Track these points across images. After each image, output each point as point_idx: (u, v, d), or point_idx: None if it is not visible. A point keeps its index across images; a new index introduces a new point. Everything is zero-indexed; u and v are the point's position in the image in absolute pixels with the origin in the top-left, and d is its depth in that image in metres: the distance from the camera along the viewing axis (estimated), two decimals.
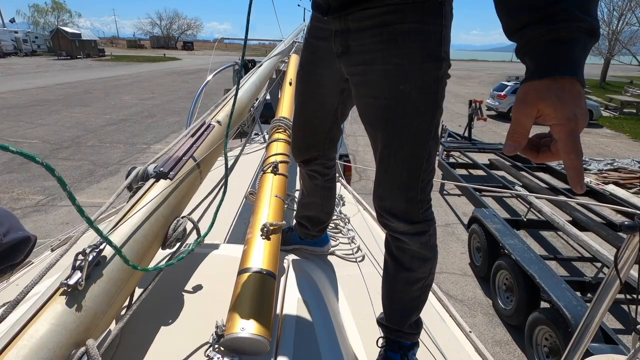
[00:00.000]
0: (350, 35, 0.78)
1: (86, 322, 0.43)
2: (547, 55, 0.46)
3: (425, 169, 0.78)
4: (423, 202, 0.81)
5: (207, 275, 0.80)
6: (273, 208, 0.92)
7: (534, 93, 0.46)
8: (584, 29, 0.45)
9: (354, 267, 1.23)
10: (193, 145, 0.79)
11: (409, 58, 0.72)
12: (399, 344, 0.86)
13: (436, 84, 0.74)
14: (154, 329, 0.62)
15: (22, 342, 0.37)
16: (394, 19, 0.71)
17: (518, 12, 0.49)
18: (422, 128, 0.75)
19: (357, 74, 0.80)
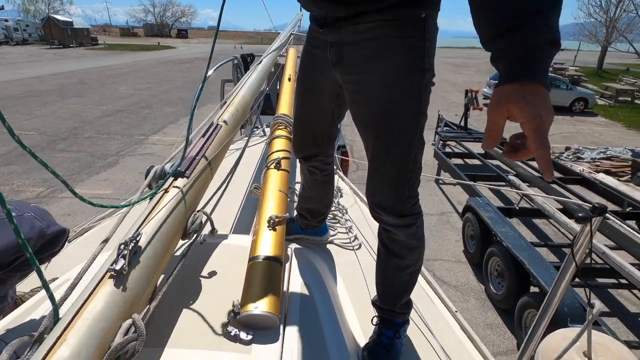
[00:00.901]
0: (344, 47, 0.85)
1: (130, 300, 0.51)
2: (516, 64, 0.54)
3: (412, 168, 0.87)
4: (411, 197, 0.91)
5: (219, 262, 0.89)
6: (277, 202, 1.01)
7: (505, 96, 0.54)
8: (547, 40, 0.53)
9: (351, 255, 1.33)
10: (204, 145, 0.86)
11: (396, 69, 0.80)
12: (391, 322, 0.96)
13: (420, 92, 0.82)
14: (179, 308, 0.71)
15: (84, 315, 0.45)
16: (383, 34, 0.79)
17: (492, 26, 0.57)
18: (408, 132, 0.84)
19: (351, 82, 0.88)
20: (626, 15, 20.12)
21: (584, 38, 24.87)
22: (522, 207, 4.38)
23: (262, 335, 0.68)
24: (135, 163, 6.82)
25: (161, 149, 7.63)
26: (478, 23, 0.60)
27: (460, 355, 0.97)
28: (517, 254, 3.12)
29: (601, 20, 22.20)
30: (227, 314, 0.71)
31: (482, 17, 0.59)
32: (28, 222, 0.63)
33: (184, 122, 9.72)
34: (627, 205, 4.29)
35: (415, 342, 1.00)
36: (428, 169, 7.16)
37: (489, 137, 0.58)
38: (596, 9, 22.13)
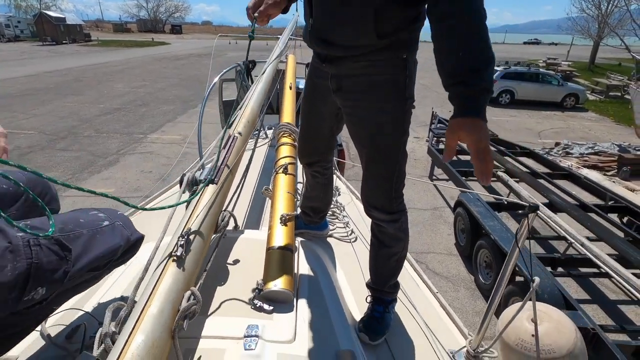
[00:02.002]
0: (342, 79, 1.05)
1: (187, 277, 0.69)
2: (463, 105, 0.78)
3: (397, 175, 1.08)
4: (397, 198, 1.11)
5: (241, 251, 1.08)
6: (287, 202, 1.20)
7: (457, 126, 0.78)
8: (483, 89, 0.76)
9: (349, 246, 1.53)
10: (226, 155, 1.04)
11: (384, 99, 1.00)
12: (382, 300, 1.16)
13: (404, 116, 1.03)
14: (215, 286, 0.90)
15: (160, 287, 0.62)
16: (373, 71, 0.99)
17: (447, 78, 0.81)
18: (394, 147, 1.05)
19: (348, 107, 1.08)
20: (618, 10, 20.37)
21: (577, 33, 25.12)
22: (510, 202, 4.60)
23: (280, 307, 0.88)
24: (136, 161, 6.95)
25: (160, 147, 7.74)
26: (439, 72, 0.82)
27: (438, 326, 1.17)
28: (503, 246, 3.33)
29: (593, 16, 22.44)
30: (253, 291, 0.91)
31: (441, 70, 0.82)
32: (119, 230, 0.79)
33: (181, 121, 9.82)
34: (609, 199, 4.52)
35: (402, 316, 1.20)
36: (422, 165, 7.36)
37: (446, 153, 0.83)
38: (588, 4, 22.38)
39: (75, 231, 0.70)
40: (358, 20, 0.92)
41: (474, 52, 0.76)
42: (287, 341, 0.80)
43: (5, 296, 0.59)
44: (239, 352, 0.74)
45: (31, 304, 0.65)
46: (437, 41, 0.82)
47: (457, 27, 0.77)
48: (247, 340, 0.76)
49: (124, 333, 0.55)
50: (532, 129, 10.58)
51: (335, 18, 0.96)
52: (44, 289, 0.64)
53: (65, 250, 0.66)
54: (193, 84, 15.39)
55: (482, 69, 0.76)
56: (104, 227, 0.75)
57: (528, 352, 0.85)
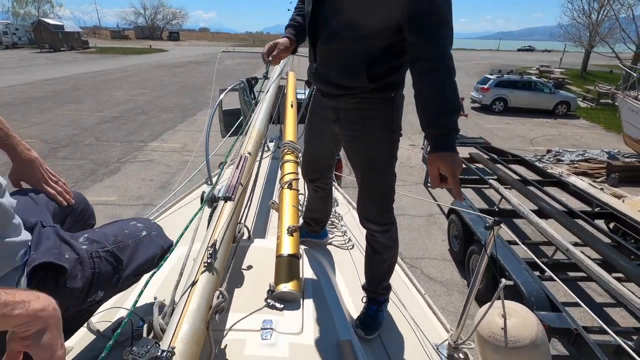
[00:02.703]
0: (340, 111, 1.23)
1: (216, 280, 0.83)
2: (437, 142, 1.00)
3: (388, 192, 1.26)
4: (388, 211, 1.29)
5: (253, 258, 1.24)
6: (292, 215, 1.37)
7: (434, 159, 0.99)
8: (453, 129, 0.98)
9: (346, 253, 1.69)
10: (239, 174, 1.20)
11: (376, 130, 1.19)
12: (376, 300, 1.33)
13: (392, 144, 1.21)
14: (234, 288, 1.05)
15: (196, 289, 0.77)
16: (365, 107, 1.17)
17: (422, 120, 1.03)
18: (385, 170, 1.23)
19: (345, 135, 1.26)
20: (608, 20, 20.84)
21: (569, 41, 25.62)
22: (501, 209, 4.78)
23: (289, 305, 1.04)
24: (137, 170, 7.07)
25: (161, 156, 7.87)
26: (417, 113, 1.03)
27: (425, 323, 1.33)
28: (493, 252, 3.49)
29: (584, 24, 22.93)
30: (266, 292, 1.07)
31: (419, 113, 1.03)
32: (155, 240, 0.94)
33: (180, 129, 9.97)
34: (596, 205, 4.71)
35: (393, 314, 1.36)
36: (417, 172, 7.54)
37: (433, 182, 1.03)
38: (579, 13, 22.88)
39: (124, 242, 0.86)
40: (353, 68, 1.11)
41: (445, 102, 0.98)
42: (296, 333, 0.96)
43: (76, 298, 0.75)
44: (257, 341, 0.90)
45: (92, 303, 0.81)
46: (416, 89, 1.02)
47: (432, 83, 0.97)
48: (264, 332, 0.92)
49: (172, 324, 0.70)
50: (525, 136, 10.81)
51: (334, 65, 1.16)
52: (102, 292, 0.80)
53: (117, 261, 0.83)
54: (191, 91, 15.56)
55: (450, 115, 0.97)
56: (143, 237, 0.91)
57: (498, 342, 1.01)
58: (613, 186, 6.74)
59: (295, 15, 1.38)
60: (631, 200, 5.74)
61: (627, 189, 6.65)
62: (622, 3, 19.22)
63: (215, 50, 43.48)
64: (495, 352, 1.01)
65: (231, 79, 11.60)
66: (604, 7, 20.72)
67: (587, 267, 3.07)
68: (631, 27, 18.59)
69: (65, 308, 0.76)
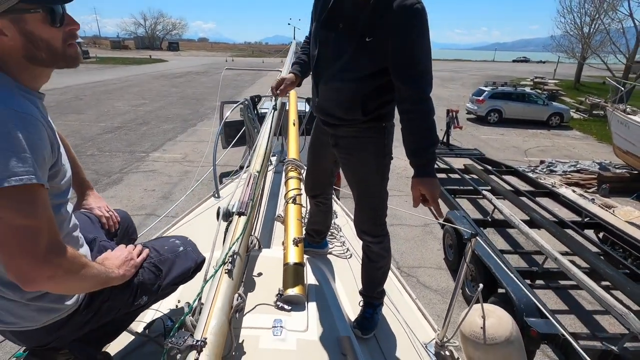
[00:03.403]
0: (338, 138, 1.41)
1: (235, 284, 0.98)
2: (417, 169, 1.20)
3: (379, 208, 1.43)
4: (381, 224, 1.45)
5: (262, 266, 1.40)
6: (297, 227, 1.53)
7: (417, 183, 1.18)
8: (431, 159, 1.21)
9: (345, 261, 1.85)
10: (250, 192, 1.36)
11: (368, 155, 1.37)
12: (371, 304, 1.48)
13: (384, 167, 1.40)
14: (248, 292, 1.20)
15: (220, 292, 0.91)
16: (360, 135, 1.36)
17: (407, 151, 1.24)
18: (377, 189, 1.41)
19: (343, 158, 1.44)
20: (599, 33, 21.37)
21: (562, 53, 26.18)
22: (495, 219, 4.94)
23: (296, 307, 1.20)
24: (139, 180, 7.20)
25: (162, 166, 8.01)
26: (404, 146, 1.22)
27: (415, 324, 1.49)
28: (485, 261, 3.64)
29: (576, 37, 23.46)
30: (275, 295, 1.23)
31: (404, 144, 1.24)
32: (190, 255, 1.10)
33: (181, 139, 10.13)
34: (585, 216, 4.88)
35: (387, 316, 1.52)
36: None
37: (414, 202, 1.23)
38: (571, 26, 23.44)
39: (164, 256, 1.03)
40: (350, 104, 1.30)
41: (423, 138, 1.19)
42: (302, 330, 1.12)
43: (125, 301, 0.91)
44: (270, 337, 1.05)
45: (137, 307, 0.97)
46: (401, 124, 1.24)
47: (415, 121, 1.18)
48: (275, 330, 1.07)
49: (202, 319, 0.85)
50: (519, 147, 11.04)
51: (334, 100, 1.35)
52: (146, 297, 0.96)
53: (159, 271, 0.99)
54: (191, 102, 15.79)
55: (428, 148, 1.19)
56: (180, 252, 1.08)
57: (478, 340, 1.16)
58: (604, 197, 6.92)
59: (301, 53, 1.58)
60: (621, 210, 5.92)
61: (618, 200, 6.84)
62: (612, 17, 19.77)
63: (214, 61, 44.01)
64: (475, 349, 1.16)
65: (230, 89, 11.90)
66: (595, 21, 21.27)
67: (573, 275, 3.22)
68: (621, 40, 19.09)
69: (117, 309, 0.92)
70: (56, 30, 0.79)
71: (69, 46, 0.83)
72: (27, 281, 0.70)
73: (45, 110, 0.85)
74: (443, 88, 23.92)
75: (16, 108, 0.70)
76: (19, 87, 0.77)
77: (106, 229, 1.14)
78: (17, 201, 0.67)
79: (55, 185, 0.81)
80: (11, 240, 0.67)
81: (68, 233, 0.86)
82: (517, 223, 4.17)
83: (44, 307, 0.83)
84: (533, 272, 3.84)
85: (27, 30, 0.74)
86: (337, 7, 1.28)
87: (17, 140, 0.67)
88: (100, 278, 0.84)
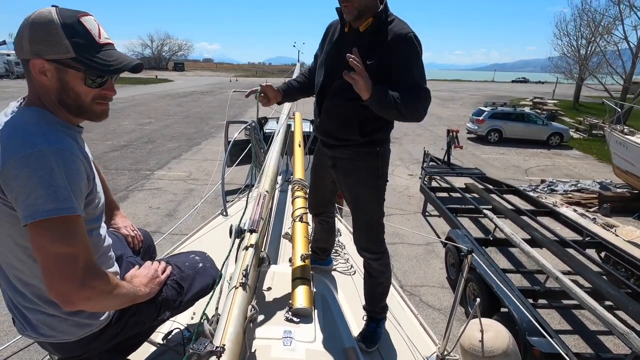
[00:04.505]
0: (336, 159, 1.52)
1: (248, 297, 1.05)
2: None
3: (377, 225, 1.52)
4: (379, 242, 1.54)
5: (272, 281, 1.47)
6: (304, 244, 1.61)
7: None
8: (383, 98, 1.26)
9: (349, 278, 1.91)
10: (260, 210, 1.45)
11: (364, 177, 1.47)
12: (374, 319, 1.55)
13: (378, 189, 1.49)
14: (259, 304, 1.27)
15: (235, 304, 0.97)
16: (357, 158, 1.46)
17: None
18: (373, 209, 1.50)
19: (340, 179, 1.55)
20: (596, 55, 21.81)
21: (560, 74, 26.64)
22: (496, 237, 4.97)
23: (304, 319, 1.27)
24: (144, 198, 7.30)
25: (167, 184, 8.12)
26: None
27: (417, 338, 1.54)
28: (487, 280, 3.67)
29: (574, 59, 23.93)
30: (285, 308, 1.30)
31: None
32: (209, 271, 1.18)
33: (186, 157, 10.30)
34: (586, 235, 4.92)
35: (390, 330, 1.58)
36: (415, 202, 7.76)
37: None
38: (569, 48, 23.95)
39: (185, 272, 1.11)
40: (349, 125, 1.41)
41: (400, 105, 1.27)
42: (310, 341, 1.19)
43: (149, 316, 1.00)
44: (280, 347, 1.12)
45: (160, 322, 1.05)
46: None
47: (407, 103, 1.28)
48: (285, 340, 1.14)
49: (219, 328, 0.92)
50: (520, 166, 11.14)
51: (334, 122, 1.46)
52: (168, 312, 1.04)
53: (180, 288, 1.08)
54: (196, 121, 16.08)
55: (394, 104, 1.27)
56: (199, 268, 1.16)
57: (477, 353, 1.21)
58: (605, 216, 6.95)
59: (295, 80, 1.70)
60: (623, 230, 5.95)
61: (619, 219, 6.86)
62: (607, 41, 20.23)
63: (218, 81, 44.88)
64: None
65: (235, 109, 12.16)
66: (592, 44, 21.75)
67: (575, 295, 3.24)
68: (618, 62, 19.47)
69: (142, 323, 1.01)
70: (89, 89, 0.88)
71: (97, 104, 0.92)
72: (67, 302, 0.79)
73: (83, 142, 0.94)
74: (443, 108, 24.26)
75: (58, 145, 0.80)
76: (60, 123, 0.87)
77: (131, 247, 1.23)
78: (57, 231, 0.76)
79: (90, 212, 0.90)
80: (52, 266, 0.76)
81: (103, 253, 0.96)
82: (519, 242, 4.21)
83: (80, 322, 0.92)
84: (535, 291, 3.85)
85: (64, 79, 0.85)
86: (342, 39, 1.45)
87: (59, 175, 0.76)
88: (130, 296, 0.92)
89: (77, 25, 0.83)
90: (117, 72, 0.88)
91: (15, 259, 0.85)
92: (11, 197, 0.77)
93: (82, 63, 0.84)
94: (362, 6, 1.32)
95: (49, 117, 0.85)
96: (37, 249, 0.77)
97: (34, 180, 0.74)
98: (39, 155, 0.76)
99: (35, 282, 0.87)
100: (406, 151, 12.04)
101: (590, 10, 20.73)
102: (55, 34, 0.80)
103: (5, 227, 0.82)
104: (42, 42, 0.80)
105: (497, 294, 3.49)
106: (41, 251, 0.76)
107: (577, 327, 4.19)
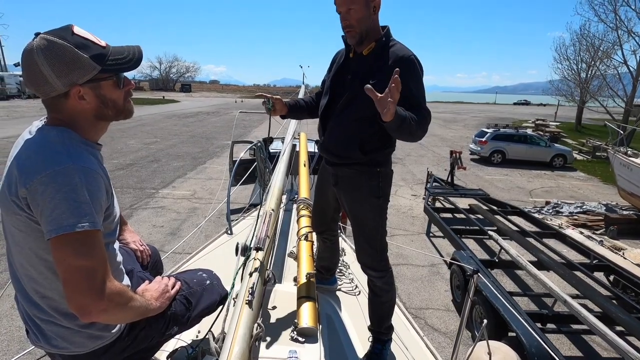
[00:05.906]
0: (338, 177, 1.56)
1: (254, 315, 1.04)
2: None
3: (380, 243, 1.53)
4: (382, 260, 1.55)
5: (277, 299, 1.46)
6: (309, 263, 1.62)
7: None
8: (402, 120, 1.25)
9: (354, 298, 1.89)
10: (266, 228, 1.46)
11: (365, 196, 1.50)
12: (380, 339, 1.53)
13: (379, 208, 1.52)
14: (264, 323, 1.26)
15: (241, 321, 0.98)
16: (357, 177, 1.50)
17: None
18: (375, 227, 1.52)
19: (342, 197, 1.58)
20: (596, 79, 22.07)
21: (561, 97, 26.91)
22: (502, 260, 4.90)
23: (309, 339, 1.25)
24: (148, 216, 7.31)
25: (171, 203, 8.15)
26: None
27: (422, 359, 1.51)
28: (494, 303, 3.59)
29: (574, 82, 24.22)
30: (290, 328, 1.29)
31: None
32: (216, 289, 1.19)
33: (190, 176, 10.38)
34: (594, 258, 4.84)
35: (395, 353, 1.54)
36: (419, 222, 7.71)
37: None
38: (569, 72, 24.27)
39: (193, 289, 1.12)
40: (351, 143, 1.46)
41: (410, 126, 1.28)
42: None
43: (158, 330, 1.00)
44: None
45: (168, 337, 1.05)
46: None
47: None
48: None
49: (226, 346, 0.91)
50: (524, 188, 11.09)
51: (337, 140, 1.51)
52: (176, 327, 1.05)
53: (189, 303, 1.08)
54: (201, 140, 16.30)
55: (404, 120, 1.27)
56: (207, 285, 1.17)
57: None
58: (612, 238, 6.86)
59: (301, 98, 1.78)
60: (631, 252, 5.85)
61: (626, 242, 6.77)
62: (607, 65, 20.52)
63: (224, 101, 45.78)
64: None
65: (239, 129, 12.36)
66: (592, 67, 22.05)
67: (585, 319, 3.17)
68: (618, 85, 19.67)
69: (151, 337, 1.01)
70: (120, 91, 0.95)
71: (127, 102, 1.00)
72: (85, 314, 0.81)
73: (102, 158, 0.99)
74: (446, 129, 24.44)
75: (82, 163, 0.84)
76: (84, 142, 0.92)
77: (139, 262, 1.24)
78: (79, 245, 0.79)
79: (107, 226, 0.93)
80: (73, 278, 0.79)
81: (116, 267, 0.98)
82: (525, 264, 4.15)
83: (93, 335, 0.93)
84: (543, 315, 3.76)
85: (101, 94, 0.90)
86: (347, 64, 1.54)
87: (82, 191, 0.80)
88: (142, 310, 0.94)
89: (80, 39, 0.86)
90: (138, 62, 0.95)
91: (35, 272, 0.88)
92: (36, 212, 0.80)
93: (110, 70, 0.89)
94: (364, 31, 1.41)
95: (73, 135, 0.90)
96: (59, 261, 0.80)
97: (59, 196, 0.78)
98: (65, 173, 0.80)
99: (52, 295, 0.89)
100: (409, 172, 12.07)
101: (589, 36, 21.14)
102: (77, 58, 0.84)
103: (29, 240, 0.85)
104: (71, 70, 0.84)
105: (504, 318, 3.41)
106: (63, 264, 0.79)
107: (588, 353, 4.07)
